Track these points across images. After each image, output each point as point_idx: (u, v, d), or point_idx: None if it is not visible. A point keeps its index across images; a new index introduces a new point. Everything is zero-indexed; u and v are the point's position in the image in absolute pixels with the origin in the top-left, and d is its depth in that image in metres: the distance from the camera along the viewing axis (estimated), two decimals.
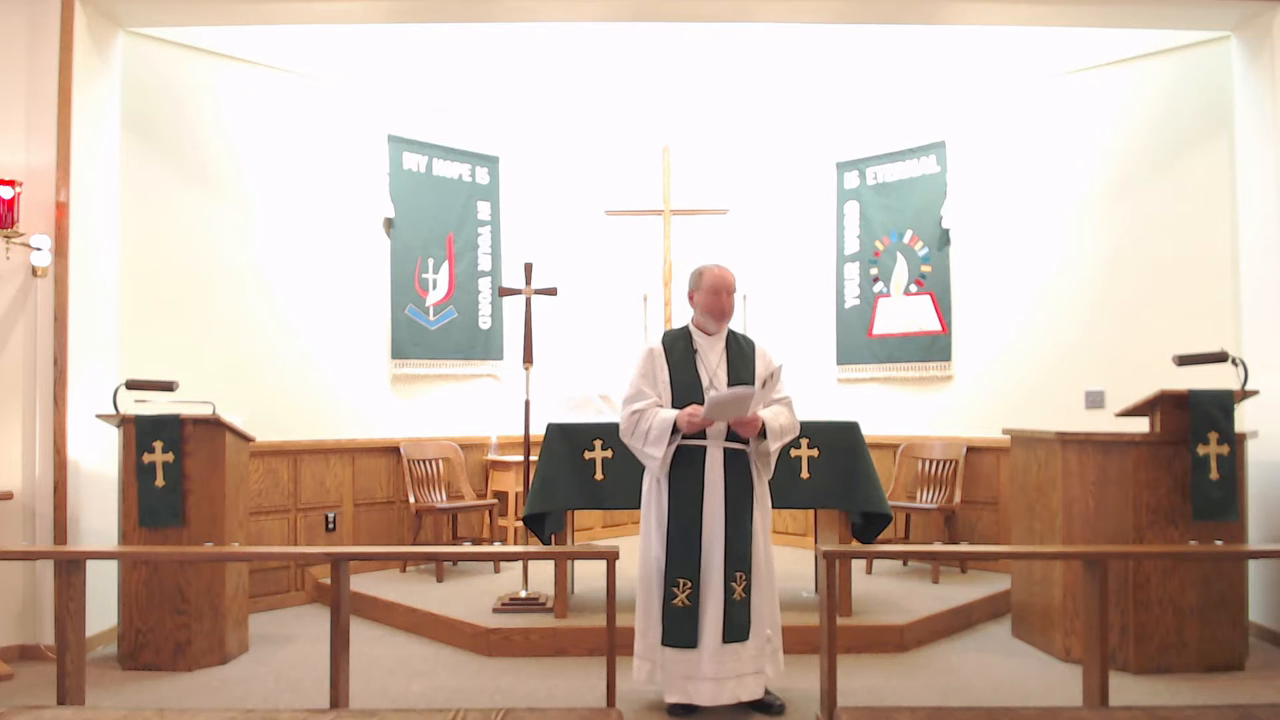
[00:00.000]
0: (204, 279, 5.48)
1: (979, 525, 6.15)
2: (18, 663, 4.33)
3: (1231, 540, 4.19)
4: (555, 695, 3.89)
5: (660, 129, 7.03)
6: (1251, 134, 4.91)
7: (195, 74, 5.49)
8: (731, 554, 3.51)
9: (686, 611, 3.49)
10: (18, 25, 4.54)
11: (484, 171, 6.84)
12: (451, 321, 6.63)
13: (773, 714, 3.59)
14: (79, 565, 3.50)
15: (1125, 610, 4.20)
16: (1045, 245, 5.97)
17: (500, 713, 2.63)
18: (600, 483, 4.70)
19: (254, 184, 5.73)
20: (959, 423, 6.27)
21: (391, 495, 6.22)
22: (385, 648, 4.66)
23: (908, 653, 4.49)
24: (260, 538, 5.49)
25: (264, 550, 4.95)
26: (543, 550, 4.81)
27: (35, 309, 4.49)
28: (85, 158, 4.64)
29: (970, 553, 3.90)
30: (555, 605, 4.76)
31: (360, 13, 4.94)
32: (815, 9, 4.99)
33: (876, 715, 2.83)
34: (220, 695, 3.93)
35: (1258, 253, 4.87)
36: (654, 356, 3.67)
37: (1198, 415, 4.16)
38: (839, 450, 4.74)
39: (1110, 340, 5.63)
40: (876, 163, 6.74)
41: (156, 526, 4.29)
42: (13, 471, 4.44)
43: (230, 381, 5.34)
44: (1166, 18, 5.02)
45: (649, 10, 4.95)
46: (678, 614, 3.49)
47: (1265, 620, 4.67)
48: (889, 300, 6.63)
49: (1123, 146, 5.66)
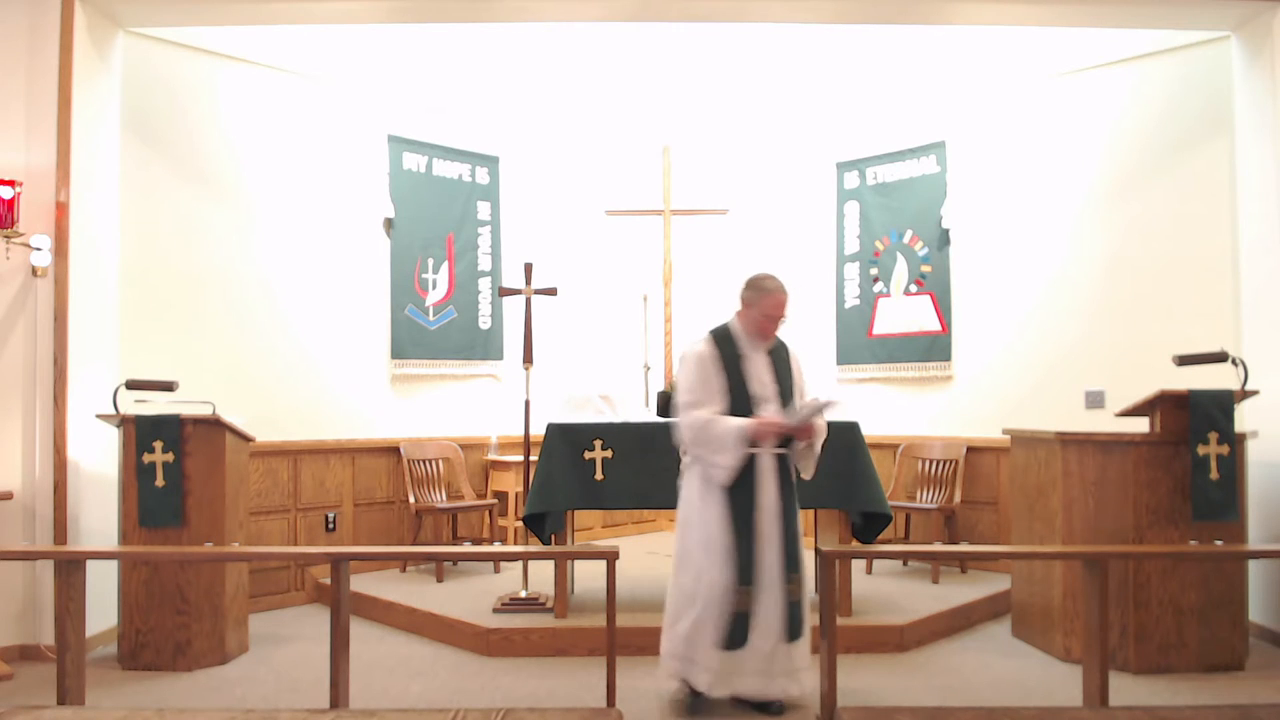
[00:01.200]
0: (204, 279, 5.48)
1: (979, 525, 6.15)
2: (18, 663, 4.33)
3: (1231, 540, 4.19)
4: (555, 695, 3.89)
5: (660, 129, 7.03)
6: (1251, 134, 4.91)
7: (195, 74, 5.48)
8: (788, 556, 3.59)
9: (745, 615, 3.52)
10: (18, 25, 4.53)
11: (484, 171, 6.84)
12: (451, 321, 6.63)
13: (771, 713, 3.59)
14: (79, 565, 3.50)
15: (1125, 610, 4.20)
16: (1045, 245, 5.97)
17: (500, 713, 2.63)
18: (600, 483, 4.70)
19: (254, 184, 5.73)
20: (959, 423, 6.27)
21: (391, 495, 6.22)
22: (385, 648, 4.66)
23: (908, 653, 4.49)
24: (260, 538, 5.49)
25: (264, 550, 4.95)
26: (543, 550, 4.81)
27: (35, 309, 4.49)
28: (85, 158, 4.64)
29: (970, 553, 3.90)
30: (555, 605, 4.76)
31: (360, 13, 4.94)
32: (815, 9, 4.99)
33: (876, 715, 2.84)
34: (220, 695, 3.93)
35: (1258, 253, 4.87)
36: (706, 362, 3.67)
37: (1198, 415, 4.16)
38: (839, 450, 4.72)
39: (1110, 340, 5.63)
40: (876, 163, 6.74)
41: (156, 527, 4.29)
42: (13, 471, 4.44)
43: (230, 381, 5.34)
44: (1166, 18, 5.02)
45: (649, 10, 4.95)
46: (739, 618, 3.52)
47: (1265, 620, 4.67)
48: (889, 300, 6.63)
49: (1123, 146, 5.66)
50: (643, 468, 4.69)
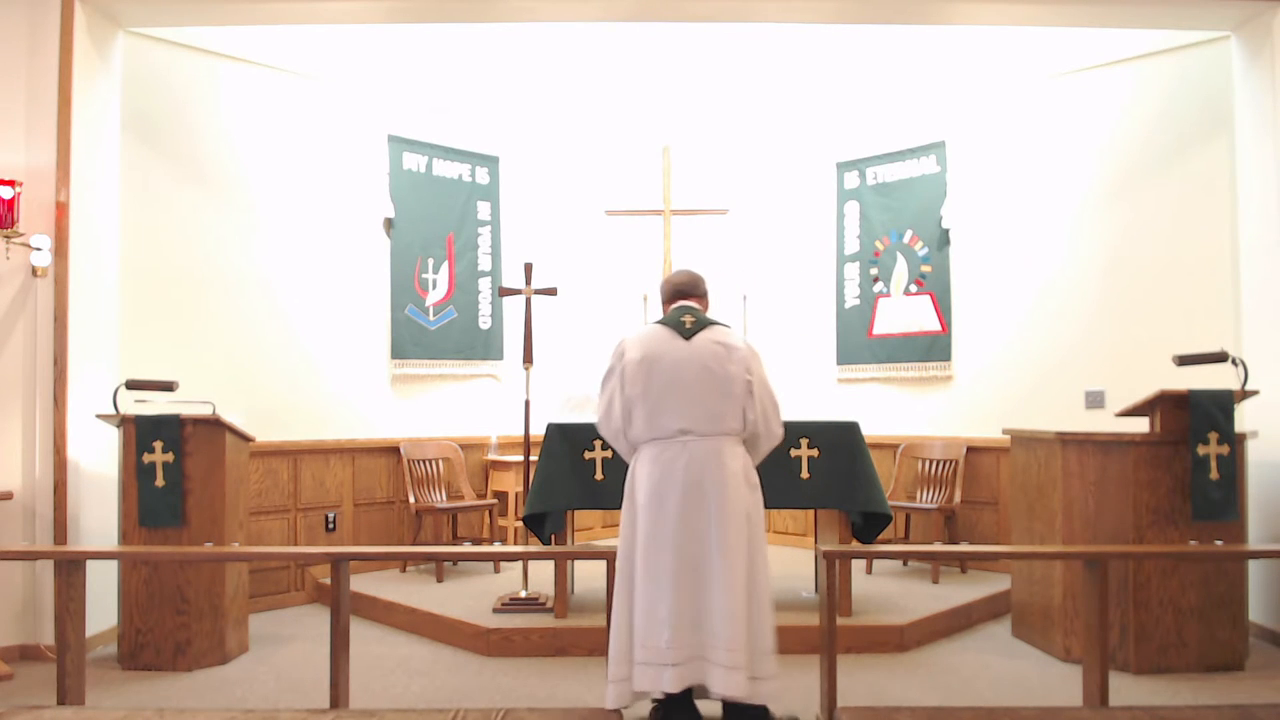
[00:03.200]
0: (204, 279, 5.48)
1: (979, 525, 6.15)
2: (18, 663, 4.33)
3: (1231, 540, 4.19)
4: (555, 695, 3.89)
5: (660, 129, 7.02)
6: (1251, 134, 4.91)
7: (195, 74, 5.48)
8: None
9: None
10: (18, 25, 4.53)
11: (484, 171, 6.84)
12: (451, 321, 6.63)
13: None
14: (79, 565, 3.51)
15: (1125, 610, 4.20)
16: (1045, 245, 5.97)
17: (500, 713, 2.64)
18: (600, 483, 4.70)
19: (254, 184, 5.73)
20: (959, 423, 6.27)
21: (391, 495, 6.22)
22: (385, 648, 4.66)
23: (908, 653, 4.49)
24: (260, 538, 5.49)
25: (264, 550, 4.95)
26: (543, 550, 4.81)
27: (35, 309, 4.49)
28: (85, 158, 4.63)
29: (970, 553, 3.90)
30: (555, 605, 4.76)
31: (360, 13, 4.94)
32: (815, 9, 4.99)
33: (876, 715, 2.84)
34: (220, 695, 3.93)
35: (1258, 253, 4.87)
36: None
37: (1198, 415, 4.16)
38: (839, 450, 4.74)
39: (1110, 340, 5.63)
40: (876, 163, 6.74)
41: (156, 526, 4.29)
42: (13, 471, 4.44)
43: (230, 381, 5.34)
44: (1166, 18, 5.02)
45: (649, 10, 4.95)
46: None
47: (1265, 620, 4.67)
48: (889, 300, 6.63)
49: (1123, 146, 5.66)
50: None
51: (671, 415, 3.34)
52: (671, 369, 3.36)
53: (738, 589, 3.24)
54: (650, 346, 3.40)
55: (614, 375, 3.45)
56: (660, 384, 3.36)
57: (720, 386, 3.36)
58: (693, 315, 3.48)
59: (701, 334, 3.42)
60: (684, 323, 3.45)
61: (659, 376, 3.36)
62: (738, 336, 3.48)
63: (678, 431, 3.34)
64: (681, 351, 3.39)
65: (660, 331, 3.45)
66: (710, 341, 3.40)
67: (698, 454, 3.31)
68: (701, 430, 3.34)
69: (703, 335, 3.42)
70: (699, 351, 3.38)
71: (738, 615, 3.21)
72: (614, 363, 3.47)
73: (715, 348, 3.39)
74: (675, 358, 3.37)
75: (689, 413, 3.34)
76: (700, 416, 3.34)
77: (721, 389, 3.36)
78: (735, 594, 3.23)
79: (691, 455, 3.31)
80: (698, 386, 3.35)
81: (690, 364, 3.37)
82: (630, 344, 3.45)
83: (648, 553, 3.28)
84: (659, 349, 3.39)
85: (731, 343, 3.42)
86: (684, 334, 3.42)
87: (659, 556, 3.27)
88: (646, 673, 3.22)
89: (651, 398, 3.36)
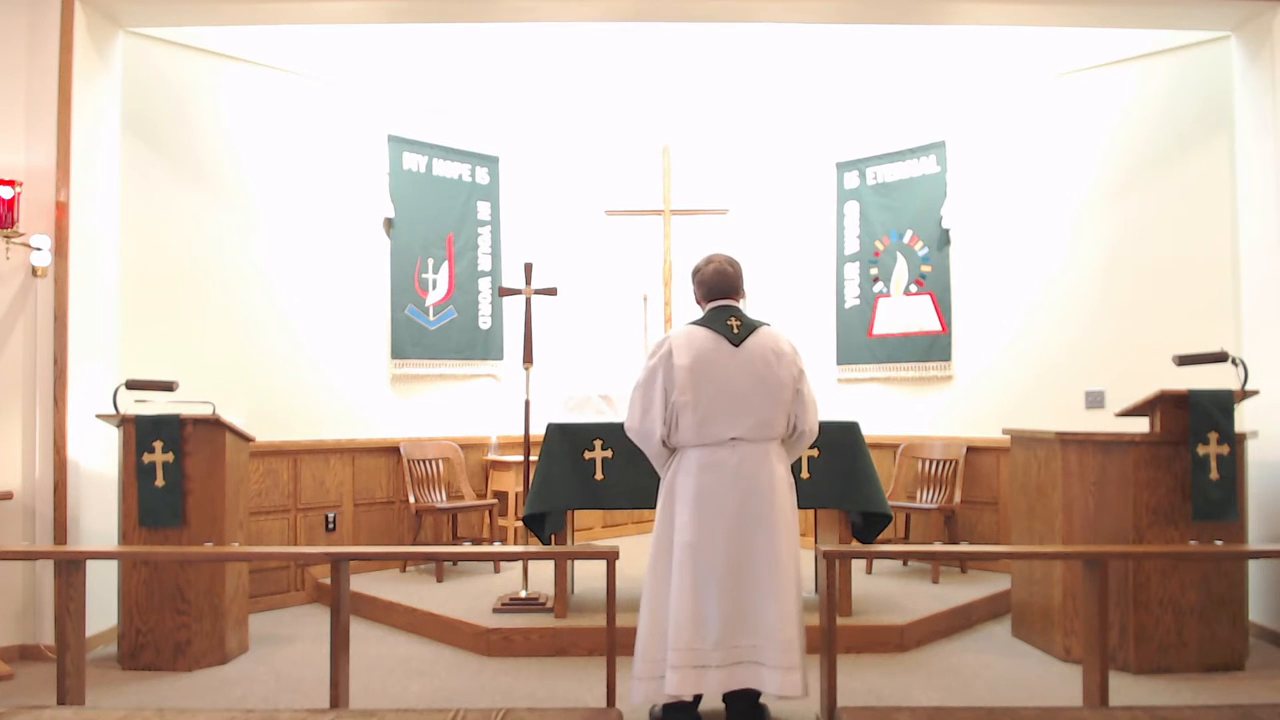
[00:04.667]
0: (204, 279, 5.48)
1: (979, 525, 6.15)
2: (18, 663, 4.33)
3: (1231, 540, 4.19)
4: (555, 695, 3.89)
5: (660, 129, 7.03)
6: (1251, 134, 4.91)
7: (195, 74, 5.48)
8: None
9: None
10: (18, 25, 4.53)
11: (484, 171, 6.84)
12: (451, 321, 6.63)
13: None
14: (79, 565, 3.50)
15: (1125, 610, 4.20)
16: (1045, 245, 5.97)
17: (500, 713, 2.63)
18: (600, 483, 4.70)
19: (254, 184, 5.73)
20: (959, 423, 6.27)
21: (391, 495, 6.22)
22: (385, 648, 4.66)
23: (908, 653, 4.49)
24: (260, 538, 5.49)
25: (264, 550, 4.94)
26: (543, 550, 4.81)
27: (35, 309, 4.49)
28: (85, 158, 4.63)
29: (970, 553, 3.89)
30: (555, 605, 4.76)
31: (360, 13, 4.94)
32: (815, 9, 4.99)
33: (876, 715, 2.84)
34: (220, 695, 3.93)
35: (1258, 253, 4.87)
36: None
37: (1198, 415, 4.16)
38: (839, 450, 4.74)
39: (1110, 340, 5.63)
40: (876, 163, 6.74)
41: (156, 526, 4.29)
42: (13, 471, 4.44)
43: (230, 381, 5.34)
44: (1166, 18, 5.02)
45: (649, 10, 4.95)
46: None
47: (1265, 620, 4.67)
48: (889, 300, 6.63)
49: (1123, 146, 5.66)
50: (643, 468, 4.65)
51: (723, 423, 3.34)
52: (723, 377, 3.35)
53: (790, 591, 3.29)
54: (699, 353, 3.37)
55: (657, 378, 3.40)
56: (711, 393, 3.34)
57: (771, 395, 3.37)
58: (738, 318, 3.45)
59: (750, 340, 3.40)
60: (731, 326, 3.42)
61: (710, 385, 3.34)
62: (783, 338, 3.48)
63: (729, 439, 3.34)
64: (732, 359, 3.37)
65: (707, 336, 3.41)
66: (760, 347, 3.39)
67: (748, 459, 3.33)
68: (751, 436, 3.35)
69: (752, 341, 3.40)
70: (750, 358, 3.37)
71: (791, 617, 3.26)
72: (657, 364, 3.41)
73: (766, 354, 3.39)
74: (725, 365, 3.36)
75: (740, 421, 3.34)
76: (751, 424, 3.35)
77: (773, 397, 3.37)
78: (787, 596, 3.28)
79: (742, 459, 3.33)
80: (752, 397, 3.35)
81: (742, 373, 3.35)
82: (677, 348, 3.39)
83: (694, 555, 3.29)
84: (709, 356, 3.36)
85: (780, 348, 3.43)
86: (733, 340, 3.39)
87: (708, 559, 3.28)
88: (687, 676, 3.22)
89: (702, 406, 3.34)
